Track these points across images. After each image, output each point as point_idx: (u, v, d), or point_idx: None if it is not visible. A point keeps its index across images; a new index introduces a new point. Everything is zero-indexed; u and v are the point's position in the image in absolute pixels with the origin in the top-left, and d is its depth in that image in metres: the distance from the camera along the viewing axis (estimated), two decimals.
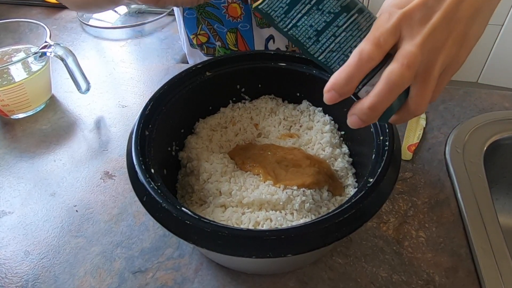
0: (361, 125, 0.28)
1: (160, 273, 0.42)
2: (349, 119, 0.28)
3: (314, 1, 0.29)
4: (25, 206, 0.50)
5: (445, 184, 0.49)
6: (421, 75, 0.27)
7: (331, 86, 0.27)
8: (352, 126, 0.28)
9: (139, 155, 0.38)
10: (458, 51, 0.27)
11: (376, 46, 0.26)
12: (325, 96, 0.28)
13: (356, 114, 0.28)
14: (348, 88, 0.27)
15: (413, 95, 0.28)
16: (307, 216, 0.40)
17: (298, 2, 0.29)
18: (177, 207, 0.33)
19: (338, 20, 0.29)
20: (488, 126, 0.55)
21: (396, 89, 0.26)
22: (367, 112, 0.27)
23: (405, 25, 0.27)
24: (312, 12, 0.29)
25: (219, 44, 0.69)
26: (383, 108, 0.27)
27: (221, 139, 0.49)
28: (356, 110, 0.28)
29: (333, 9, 0.29)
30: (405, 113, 0.29)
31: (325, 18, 0.29)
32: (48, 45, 0.57)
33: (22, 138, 0.59)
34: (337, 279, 0.41)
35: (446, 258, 0.42)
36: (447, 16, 0.26)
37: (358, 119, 0.28)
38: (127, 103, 0.64)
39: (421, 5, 0.26)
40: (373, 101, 0.26)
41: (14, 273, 0.43)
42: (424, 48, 0.26)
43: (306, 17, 0.29)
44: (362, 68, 0.26)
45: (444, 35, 0.26)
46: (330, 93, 0.27)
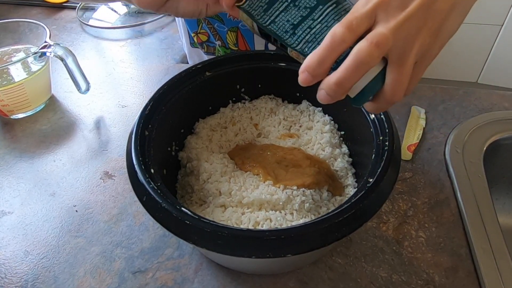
0: (330, 101, 0.28)
1: (160, 273, 0.42)
2: (318, 94, 0.29)
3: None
4: (24, 206, 0.50)
5: (445, 184, 0.49)
6: (396, 59, 0.27)
7: (305, 68, 0.28)
8: (321, 101, 0.29)
9: (139, 155, 0.38)
10: (432, 43, 0.28)
11: (348, 29, 0.27)
12: (299, 77, 0.28)
13: (324, 88, 0.28)
14: (321, 70, 0.27)
15: (389, 80, 0.28)
16: (307, 216, 0.40)
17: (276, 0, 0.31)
18: (177, 207, 0.33)
19: (313, 14, 0.30)
20: (488, 126, 0.55)
21: (362, 66, 0.26)
22: (333, 87, 0.27)
23: (381, 11, 0.27)
24: (289, 9, 0.30)
25: (219, 43, 0.69)
26: (349, 84, 0.27)
27: (221, 139, 0.49)
28: (324, 84, 0.28)
29: (309, 3, 0.30)
30: (381, 100, 0.29)
31: (301, 13, 0.30)
32: (48, 45, 0.57)
33: (22, 138, 0.59)
34: (337, 279, 0.41)
35: (446, 258, 0.42)
36: (423, 6, 0.26)
37: (325, 93, 0.28)
38: (127, 103, 0.64)
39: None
40: (339, 76, 0.27)
41: (14, 273, 0.43)
42: (397, 32, 0.26)
43: (283, 13, 0.30)
44: (334, 50, 0.27)
45: (419, 24, 0.27)
46: (304, 74, 0.28)
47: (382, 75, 0.29)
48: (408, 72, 0.28)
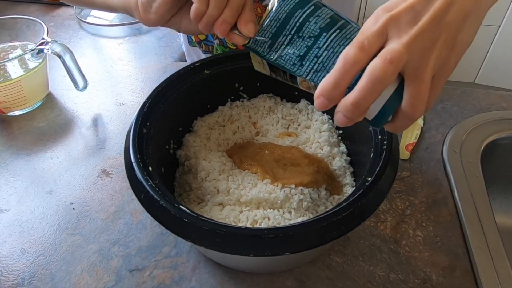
0: (347, 123, 0.27)
1: (158, 271, 0.42)
2: (335, 117, 0.28)
3: (294, 30, 0.30)
4: (21, 204, 0.50)
5: (442, 183, 0.49)
6: (412, 74, 0.27)
7: (320, 92, 0.27)
8: (339, 123, 0.28)
9: (136, 153, 0.38)
10: (448, 55, 0.27)
11: (361, 49, 0.26)
12: (315, 102, 0.28)
13: (341, 111, 0.27)
14: (337, 93, 0.27)
15: (407, 96, 0.27)
16: (305, 214, 0.40)
17: (279, 35, 0.31)
18: (175, 205, 0.33)
19: (318, 42, 0.29)
20: (485, 126, 0.55)
21: (378, 85, 0.25)
22: (350, 108, 0.26)
23: (392, 27, 0.27)
24: (293, 41, 0.30)
25: (217, 42, 0.68)
26: (367, 105, 0.26)
27: (219, 138, 0.48)
28: (340, 107, 0.27)
29: (313, 32, 0.30)
30: (402, 118, 0.28)
31: (306, 43, 0.30)
32: (45, 42, 0.57)
33: (19, 135, 0.59)
34: (335, 278, 0.41)
35: (443, 257, 0.42)
36: (435, 19, 0.26)
37: (343, 116, 0.27)
38: (125, 101, 0.64)
39: (408, 8, 0.26)
40: (355, 97, 0.26)
41: (10, 270, 0.43)
42: (411, 47, 0.26)
43: (289, 47, 0.30)
44: (348, 72, 0.26)
45: (432, 37, 0.26)
46: (320, 99, 0.27)
47: (399, 92, 0.28)
48: (426, 86, 0.27)
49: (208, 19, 0.35)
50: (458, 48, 0.27)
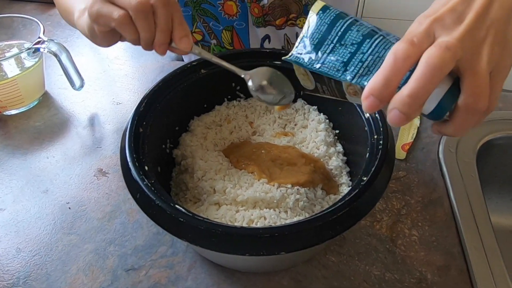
0: (404, 120, 0.25)
1: (154, 271, 0.42)
2: (388, 116, 0.25)
3: (336, 39, 0.30)
4: (17, 203, 0.49)
5: (438, 183, 0.50)
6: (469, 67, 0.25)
7: (369, 91, 0.25)
8: (394, 123, 0.25)
9: (133, 152, 0.38)
10: (501, 52, 0.26)
11: (411, 43, 0.25)
12: (364, 104, 0.26)
13: (396, 106, 0.24)
14: (388, 91, 0.25)
15: (466, 88, 0.26)
16: (301, 214, 0.40)
17: (322, 45, 0.30)
18: (171, 204, 0.33)
19: (362, 48, 0.29)
20: (481, 126, 0.55)
21: (436, 73, 0.24)
22: (407, 101, 0.24)
23: (438, 28, 0.26)
24: (336, 49, 0.30)
25: (214, 42, 0.68)
26: (425, 96, 0.24)
27: (215, 137, 0.48)
28: (395, 102, 0.25)
29: (355, 40, 0.29)
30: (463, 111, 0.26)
31: (349, 49, 0.29)
32: (41, 41, 0.57)
33: (15, 134, 0.58)
34: (330, 277, 0.41)
35: (438, 256, 0.43)
36: (480, 17, 0.25)
37: (398, 112, 0.24)
38: (122, 100, 0.64)
39: (451, 10, 0.26)
40: (412, 87, 0.24)
41: (5, 270, 0.43)
42: (462, 42, 0.25)
43: (331, 55, 0.30)
44: (399, 68, 0.25)
45: (480, 33, 0.25)
46: (369, 99, 0.25)
47: (456, 88, 0.26)
48: (484, 78, 0.25)
49: (146, 43, 0.38)
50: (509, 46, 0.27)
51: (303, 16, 0.64)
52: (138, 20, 0.36)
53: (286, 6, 0.62)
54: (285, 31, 0.66)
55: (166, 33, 0.38)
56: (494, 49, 0.26)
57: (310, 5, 0.62)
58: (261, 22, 0.64)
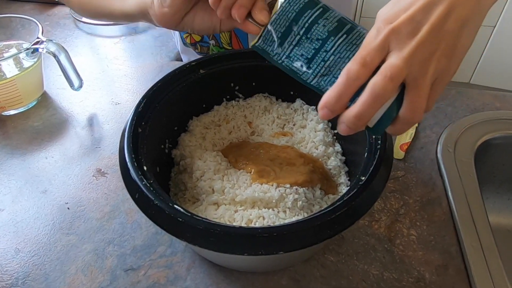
0: (350, 132, 0.30)
1: (152, 270, 0.42)
2: (338, 127, 0.30)
3: (303, 31, 0.31)
4: (16, 204, 0.49)
5: (436, 183, 0.50)
6: (412, 84, 0.28)
7: (324, 104, 0.29)
8: (342, 133, 0.30)
9: (131, 152, 0.38)
10: (448, 63, 0.28)
11: (363, 65, 0.28)
12: (319, 113, 0.30)
13: (344, 122, 0.29)
14: (339, 105, 0.29)
15: (407, 103, 0.29)
16: (299, 214, 0.40)
17: (289, 34, 0.31)
18: (170, 204, 0.33)
19: (326, 45, 0.30)
20: (479, 125, 0.56)
21: (379, 100, 0.27)
22: (353, 120, 0.29)
23: (393, 40, 0.28)
24: (302, 42, 0.31)
25: (213, 42, 0.68)
26: (368, 117, 0.28)
27: (214, 137, 0.49)
28: (344, 118, 0.29)
29: (321, 35, 0.31)
30: (401, 122, 0.30)
31: (314, 45, 0.31)
32: (40, 41, 0.57)
33: (14, 135, 0.58)
34: (329, 276, 0.41)
35: (436, 256, 0.43)
36: (434, 29, 0.27)
37: (346, 126, 0.30)
38: (120, 100, 0.64)
39: (409, 20, 0.27)
40: (358, 110, 0.28)
41: (4, 270, 0.43)
42: (411, 60, 0.27)
43: (297, 48, 0.31)
44: (350, 87, 0.28)
45: (432, 47, 0.27)
46: (323, 110, 0.30)
47: (399, 100, 0.29)
48: (425, 94, 0.28)
49: (227, 3, 0.37)
50: (457, 54, 0.28)
51: None
52: None
53: None
54: None
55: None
56: (440, 61, 0.28)
57: None
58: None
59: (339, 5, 0.67)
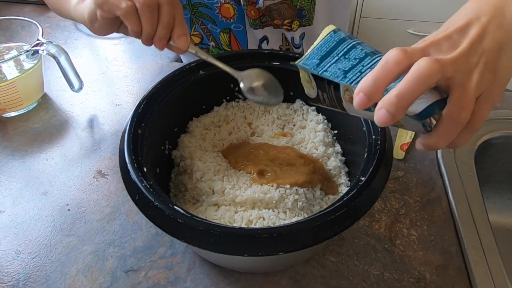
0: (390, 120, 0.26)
1: (153, 272, 0.42)
2: (376, 115, 0.27)
3: (342, 54, 0.33)
4: (16, 205, 0.49)
5: (436, 183, 0.50)
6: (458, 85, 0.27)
7: (359, 89, 0.27)
8: (380, 122, 0.27)
9: (131, 153, 0.38)
10: (492, 79, 0.28)
11: (403, 52, 0.27)
12: (355, 100, 0.28)
13: (384, 106, 0.26)
14: (376, 90, 0.27)
15: (451, 100, 0.28)
16: (299, 214, 0.40)
17: (328, 56, 0.33)
18: (170, 205, 0.33)
19: (363, 62, 0.31)
20: None
21: (423, 79, 0.26)
22: (394, 100, 0.26)
23: (433, 50, 0.28)
24: (340, 61, 0.33)
25: (212, 44, 0.69)
26: (410, 99, 0.26)
27: (214, 138, 0.49)
28: (383, 102, 0.27)
29: (358, 56, 0.32)
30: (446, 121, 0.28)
31: (351, 62, 0.32)
32: (40, 43, 0.57)
33: (14, 136, 0.59)
34: (329, 277, 0.41)
35: (437, 255, 0.43)
36: (473, 46, 0.28)
37: (385, 111, 0.26)
38: (120, 101, 0.64)
39: (446, 37, 0.28)
40: (400, 89, 0.26)
41: (5, 272, 0.43)
42: (456, 63, 0.27)
43: (335, 64, 0.33)
44: (389, 70, 0.27)
45: (473, 60, 0.28)
46: (359, 95, 0.27)
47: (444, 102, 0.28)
48: (471, 95, 0.27)
49: (146, 36, 0.40)
50: (500, 75, 0.29)
51: (297, 19, 0.64)
52: (144, 13, 0.39)
53: (281, 11, 0.62)
54: (283, 30, 0.66)
55: (167, 29, 0.40)
56: (484, 75, 0.28)
57: (304, 9, 0.62)
58: (258, 24, 0.64)
59: (339, 6, 0.67)
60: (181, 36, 0.40)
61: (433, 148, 0.30)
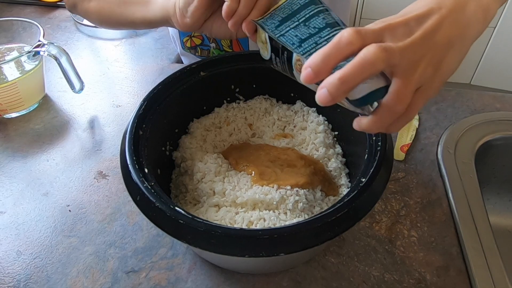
0: (329, 100, 0.27)
1: (154, 273, 0.42)
2: (317, 93, 0.27)
3: (302, 20, 0.32)
4: (17, 206, 0.50)
5: (437, 184, 0.50)
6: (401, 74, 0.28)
7: (308, 64, 0.27)
8: (320, 101, 0.27)
9: (132, 154, 0.38)
10: (433, 74, 0.29)
11: (357, 33, 0.27)
12: (302, 74, 0.28)
13: (325, 86, 0.27)
14: (324, 67, 0.27)
15: (391, 90, 0.28)
16: (300, 215, 0.40)
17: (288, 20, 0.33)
18: (171, 206, 0.33)
19: (321, 33, 0.31)
20: (479, 127, 0.56)
21: (368, 66, 0.26)
22: (336, 83, 0.26)
23: (387, 34, 0.28)
24: (299, 27, 0.32)
25: (213, 45, 0.69)
26: (352, 83, 0.26)
27: (215, 139, 0.49)
28: (325, 82, 0.27)
29: (318, 25, 0.31)
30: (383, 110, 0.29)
31: (310, 31, 0.32)
32: (41, 44, 0.57)
33: (15, 137, 0.59)
34: (330, 278, 0.41)
35: (437, 257, 0.43)
36: (425, 37, 0.28)
37: (326, 91, 0.27)
38: (121, 102, 0.64)
39: (403, 23, 0.29)
40: (344, 72, 0.26)
41: (6, 273, 0.43)
42: (403, 53, 0.27)
43: (293, 30, 0.32)
44: (340, 49, 0.27)
45: (422, 51, 0.28)
46: (306, 70, 0.27)
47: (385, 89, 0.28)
48: (411, 87, 0.28)
49: (238, 18, 0.39)
50: (442, 70, 0.29)
51: None
52: None
53: None
54: None
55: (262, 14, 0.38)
56: (428, 68, 0.29)
57: None
58: None
59: (338, 5, 0.67)
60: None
61: (367, 131, 0.31)
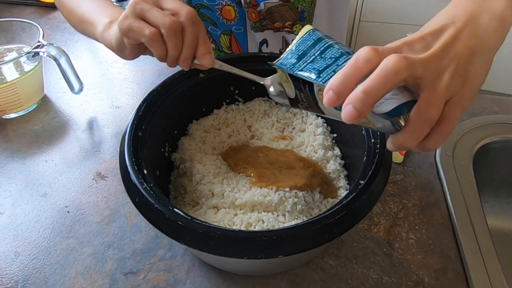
0: (356, 116, 0.26)
1: (152, 274, 0.42)
2: (343, 111, 0.27)
3: (318, 53, 0.33)
4: (15, 207, 0.49)
5: (435, 186, 0.50)
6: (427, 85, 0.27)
7: (329, 87, 0.27)
8: (347, 118, 0.26)
9: (132, 156, 0.38)
10: (462, 84, 0.28)
11: (374, 50, 0.27)
12: (324, 98, 0.27)
13: (350, 102, 0.26)
14: (345, 88, 0.26)
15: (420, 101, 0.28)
16: (299, 217, 0.40)
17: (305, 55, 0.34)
18: (170, 208, 0.34)
19: (338, 62, 0.31)
20: (477, 129, 0.56)
21: (390, 76, 0.25)
22: (360, 96, 0.25)
23: (405, 49, 0.28)
24: (316, 60, 0.33)
25: (213, 46, 0.69)
26: (376, 95, 0.26)
27: (214, 141, 0.49)
28: (350, 98, 0.26)
29: (334, 55, 0.32)
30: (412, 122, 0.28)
31: (326, 62, 0.32)
32: (41, 45, 0.57)
33: (14, 138, 0.59)
34: (328, 280, 0.41)
35: (435, 259, 0.43)
36: (445, 49, 0.28)
37: (352, 108, 0.26)
38: (120, 104, 0.64)
39: (420, 38, 0.29)
40: (367, 85, 0.26)
41: (4, 274, 0.43)
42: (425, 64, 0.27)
43: (311, 64, 0.33)
44: (358, 68, 0.27)
45: (444, 62, 0.28)
46: (328, 93, 0.27)
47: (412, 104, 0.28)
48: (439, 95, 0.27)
49: (171, 59, 0.40)
50: (470, 80, 0.29)
51: (298, 23, 0.64)
52: (169, 38, 0.38)
53: (282, 13, 0.63)
54: (283, 33, 0.67)
55: (192, 50, 0.40)
56: (454, 78, 0.28)
57: (305, 12, 0.63)
58: (258, 27, 0.64)
59: (337, 8, 0.67)
60: (206, 54, 0.40)
61: (403, 147, 0.30)
